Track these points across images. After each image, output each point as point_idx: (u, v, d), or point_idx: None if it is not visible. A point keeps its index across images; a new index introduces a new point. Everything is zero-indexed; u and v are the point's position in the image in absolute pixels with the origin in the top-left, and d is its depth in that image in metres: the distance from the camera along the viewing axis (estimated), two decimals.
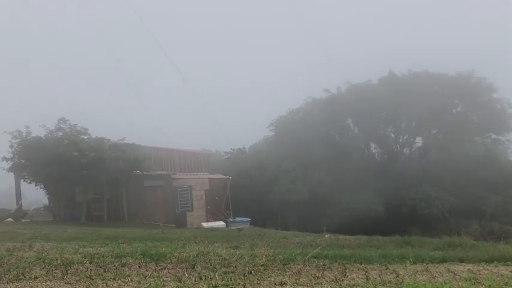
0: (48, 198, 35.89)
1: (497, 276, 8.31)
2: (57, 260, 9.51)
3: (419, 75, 50.57)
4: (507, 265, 9.61)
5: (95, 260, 9.56)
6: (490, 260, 10.18)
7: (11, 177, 33.39)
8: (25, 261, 9.32)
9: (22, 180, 32.97)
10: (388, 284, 7.61)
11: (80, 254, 10.73)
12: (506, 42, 73.09)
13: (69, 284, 7.37)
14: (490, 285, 7.55)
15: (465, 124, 48.93)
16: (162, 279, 7.69)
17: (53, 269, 8.61)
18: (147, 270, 8.54)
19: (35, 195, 40.46)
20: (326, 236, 20.93)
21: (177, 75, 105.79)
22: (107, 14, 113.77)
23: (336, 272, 8.56)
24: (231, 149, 51.51)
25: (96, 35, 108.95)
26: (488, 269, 9.10)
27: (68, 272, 8.35)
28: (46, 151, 28.65)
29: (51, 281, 7.61)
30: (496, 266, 9.49)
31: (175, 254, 10.38)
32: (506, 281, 8.00)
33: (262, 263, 9.27)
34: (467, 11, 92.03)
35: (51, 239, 15.59)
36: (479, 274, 8.51)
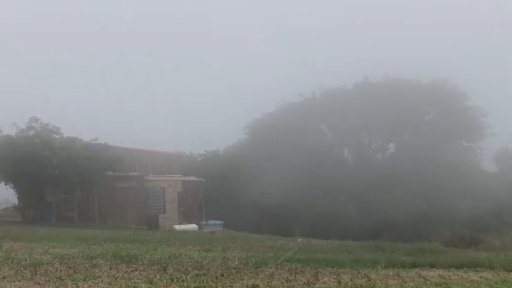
0: (18, 198, 35.34)
1: (467, 282, 8.40)
2: (26, 260, 9.38)
3: (393, 82, 51.05)
4: (477, 271, 9.72)
5: (65, 260, 9.45)
6: (460, 266, 10.28)
7: None
8: None
9: None
10: None
11: (49, 254, 10.59)
12: (479, 52, 73.93)
13: (38, 284, 7.26)
14: None
15: (437, 131, 49.53)
16: (133, 281, 7.63)
17: (22, 269, 8.49)
18: (118, 272, 8.46)
19: (5, 195, 39.81)
20: (298, 239, 21.02)
21: (152, 73, 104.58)
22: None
23: (308, 276, 8.59)
24: (205, 151, 51.25)
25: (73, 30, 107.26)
26: (458, 275, 9.20)
27: (37, 272, 8.23)
28: (17, 150, 28.22)
29: (19, 281, 7.50)
30: (466, 272, 9.59)
31: (147, 255, 10.32)
32: (476, 286, 8.11)
33: (234, 266, 9.26)
34: (444, 19, 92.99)
35: (21, 239, 15.34)
36: (450, 279, 8.60)
